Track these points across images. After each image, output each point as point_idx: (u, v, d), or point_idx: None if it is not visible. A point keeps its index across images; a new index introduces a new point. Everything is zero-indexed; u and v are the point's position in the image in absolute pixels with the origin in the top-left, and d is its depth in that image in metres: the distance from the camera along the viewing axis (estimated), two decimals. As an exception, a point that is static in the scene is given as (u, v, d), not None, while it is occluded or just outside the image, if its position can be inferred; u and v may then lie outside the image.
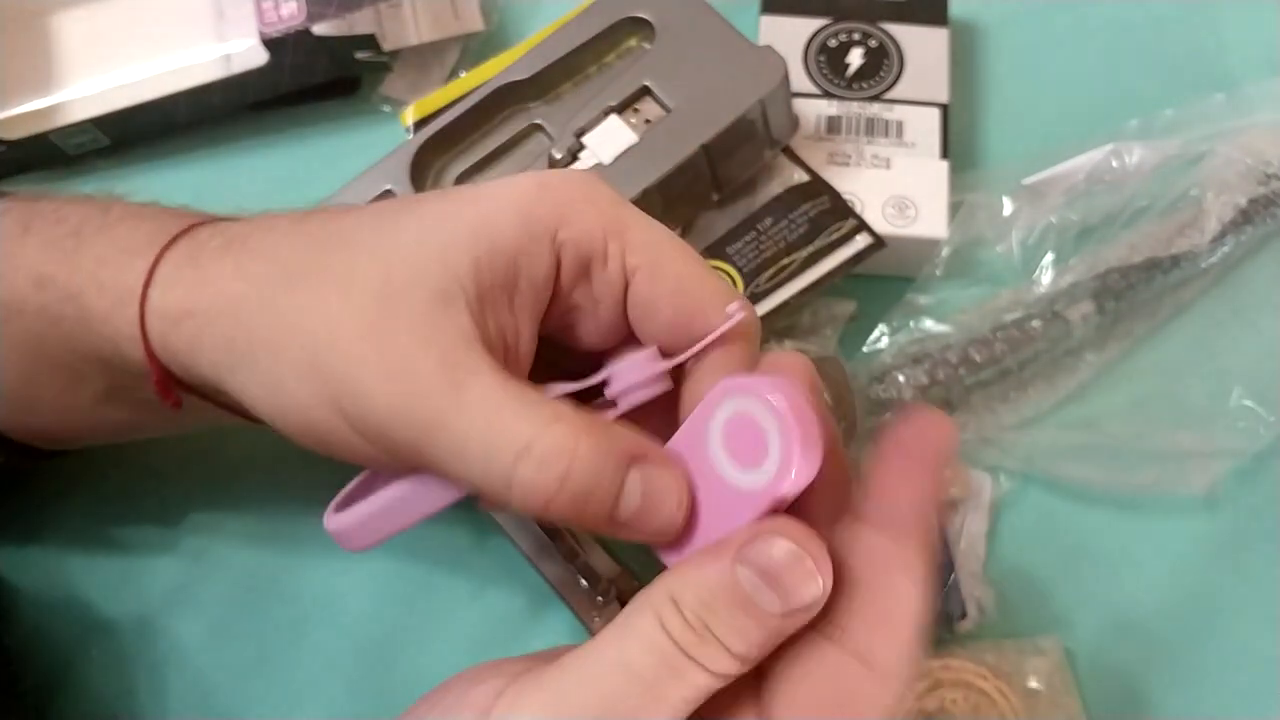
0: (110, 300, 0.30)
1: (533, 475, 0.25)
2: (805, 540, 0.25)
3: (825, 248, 0.42)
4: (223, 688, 0.39)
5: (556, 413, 0.26)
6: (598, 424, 0.26)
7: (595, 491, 0.25)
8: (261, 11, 0.46)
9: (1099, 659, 0.40)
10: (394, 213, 0.29)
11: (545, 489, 0.25)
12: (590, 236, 0.28)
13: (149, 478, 0.42)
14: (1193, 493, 0.42)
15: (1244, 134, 0.46)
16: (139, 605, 0.40)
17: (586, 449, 0.25)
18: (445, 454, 0.26)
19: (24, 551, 0.41)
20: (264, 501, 0.42)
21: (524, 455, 0.25)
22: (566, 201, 0.28)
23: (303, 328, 0.27)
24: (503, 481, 0.25)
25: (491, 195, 0.28)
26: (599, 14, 0.43)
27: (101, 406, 0.34)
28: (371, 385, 0.26)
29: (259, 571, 0.41)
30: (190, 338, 0.29)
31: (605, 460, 0.25)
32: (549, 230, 0.28)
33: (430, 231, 0.28)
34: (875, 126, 0.46)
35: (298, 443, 0.29)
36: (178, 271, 0.30)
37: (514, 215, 0.27)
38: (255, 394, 0.29)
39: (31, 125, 0.46)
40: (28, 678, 0.39)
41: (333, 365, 0.27)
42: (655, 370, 0.29)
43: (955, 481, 0.41)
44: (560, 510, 0.25)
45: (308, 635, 0.40)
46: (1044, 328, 0.43)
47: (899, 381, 0.42)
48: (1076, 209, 0.45)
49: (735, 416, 0.26)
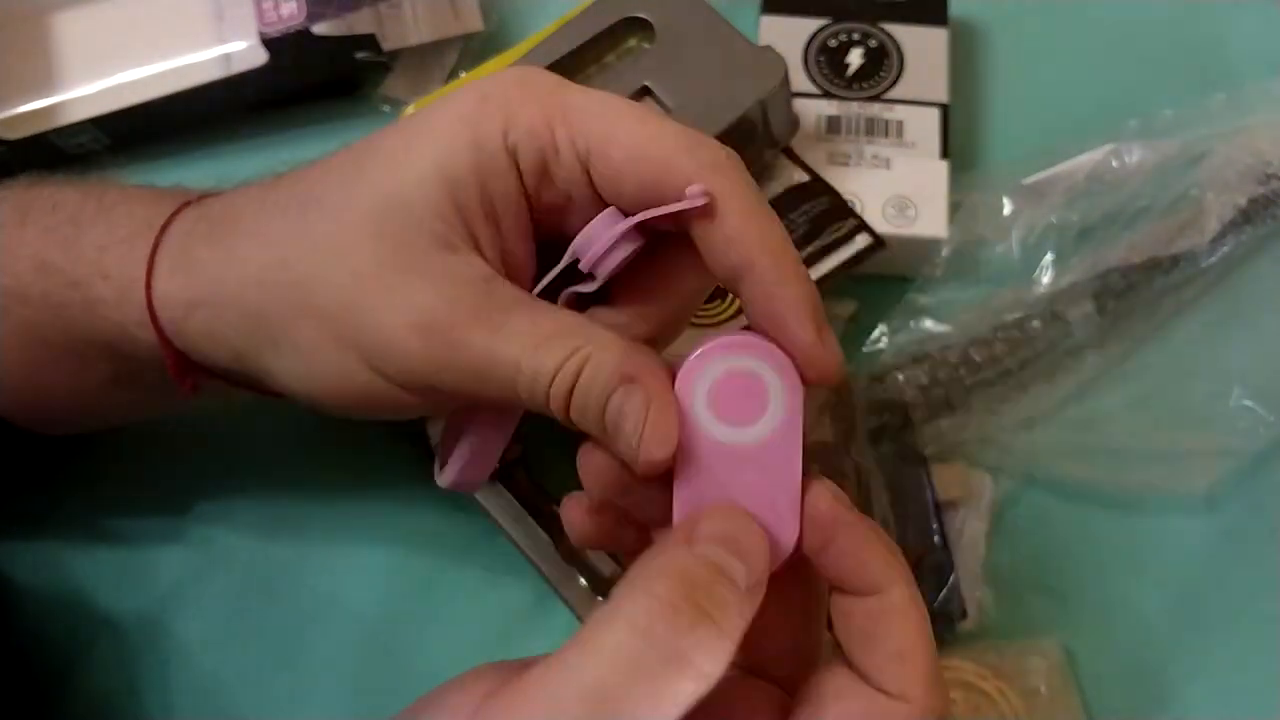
0: (115, 289, 0.31)
1: (560, 392, 0.26)
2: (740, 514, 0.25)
3: (825, 248, 0.42)
4: (225, 685, 0.39)
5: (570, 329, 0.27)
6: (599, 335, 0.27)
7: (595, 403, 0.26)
8: (261, 11, 0.46)
9: (1099, 659, 0.40)
10: (357, 163, 0.29)
11: (564, 399, 0.26)
12: (536, 133, 0.27)
13: (152, 475, 0.42)
14: (1193, 493, 0.42)
15: (1244, 134, 0.46)
16: (142, 602, 0.40)
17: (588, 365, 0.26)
18: (492, 390, 0.27)
19: (27, 548, 0.41)
20: (265, 501, 0.42)
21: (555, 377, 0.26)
22: (507, 104, 0.27)
23: (316, 304, 0.28)
24: (543, 399, 0.26)
25: (443, 121, 0.28)
26: (599, 14, 0.43)
27: (108, 390, 0.34)
28: (404, 340, 0.27)
29: (261, 570, 0.41)
30: (205, 328, 0.30)
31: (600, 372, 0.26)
32: (499, 143, 0.27)
33: (403, 180, 0.28)
34: (875, 126, 0.46)
35: (331, 411, 0.30)
36: (175, 260, 0.30)
37: (467, 139, 0.27)
38: (284, 374, 0.29)
39: (31, 125, 0.45)
40: (31, 674, 0.39)
41: (362, 333, 0.28)
42: (617, 231, 0.27)
43: (955, 482, 0.41)
44: (582, 420, 0.26)
45: (310, 633, 0.40)
46: (1044, 328, 0.43)
47: (899, 381, 0.42)
48: (1076, 209, 0.45)
49: (724, 375, 0.26)
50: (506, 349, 0.27)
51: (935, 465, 0.41)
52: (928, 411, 0.42)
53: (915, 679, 0.25)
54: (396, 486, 0.42)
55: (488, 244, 0.28)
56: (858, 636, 0.26)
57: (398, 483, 0.42)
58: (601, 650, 0.23)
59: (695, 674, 0.23)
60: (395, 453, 0.41)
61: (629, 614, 0.23)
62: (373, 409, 0.30)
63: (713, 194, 0.26)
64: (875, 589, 0.26)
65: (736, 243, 0.26)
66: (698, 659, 0.23)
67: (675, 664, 0.23)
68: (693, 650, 0.23)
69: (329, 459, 0.42)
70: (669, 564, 0.24)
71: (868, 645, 0.26)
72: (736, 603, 0.24)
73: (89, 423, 0.38)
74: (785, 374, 0.26)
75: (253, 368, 0.30)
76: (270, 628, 0.40)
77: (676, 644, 0.23)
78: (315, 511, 0.42)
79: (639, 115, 0.27)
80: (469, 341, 0.27)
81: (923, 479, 0.41)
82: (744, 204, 0.26)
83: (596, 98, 0.28)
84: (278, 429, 0.42)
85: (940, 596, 0.39)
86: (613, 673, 0.22)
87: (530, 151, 0.27)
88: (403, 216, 0.27)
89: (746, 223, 0.26)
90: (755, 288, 0.26)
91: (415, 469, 0.42)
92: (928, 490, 0.41)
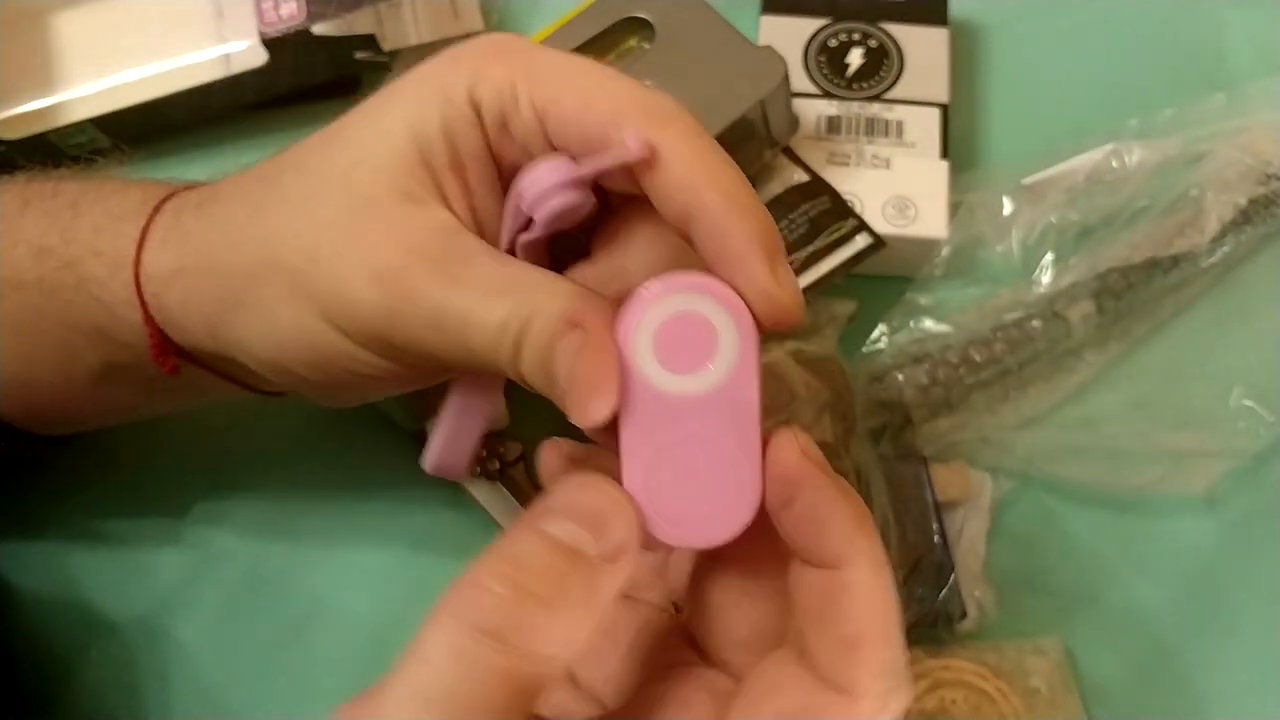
0: (107, 266, 0.31)
1: (509, 344, 0.25)
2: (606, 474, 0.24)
3: (825, 248, 0.42)
4: (223, 687, 0.39)
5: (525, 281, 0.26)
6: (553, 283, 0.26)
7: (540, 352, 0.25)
8: (261, 11, 0.46)
9: (1099, 659, 0.40)
10: (335, 129, 0.29)
11: (513, 351, 0.25)
12: (499, 88, 0.27)
13: (150, 477, 0.42)
14: (1193, 493, 0.42)
15: (1244, 134, 0.46)
16: (140, 603, 0.40)
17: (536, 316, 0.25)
18: (447, 345, 0.26)
19: (25, 550, 0.41)
20: (264, 502, 0.42)
21: (504, 326, 0.25)
22: (476, 63, 0.28)
23: (279, 257, 0.28)
24: (494, 352, 0.26)
25: (415, 81, 0.28)
26: (599, 14, 0.43)
27: (98, 385, 0.34)
28: (360, 292, 0.27)
29: (259, 570, 0.41)
30: (182, 296, 0.30)
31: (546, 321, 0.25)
32: (465, 98, 0.27)
33: (372, 137, 0.28)
34: (875, 126, 0.46)
35: (297, 385, 0.30)
36: (165, 233, 0.31)
37: (436, 96, 0.27)
38: (249, 337, 0.29)
39: (31, 125, 0.45)
40: (29, 676, 0.39)
41: (319, 282, 0.27)
42: (556, 179, 0.26)
43: (955, 482, 0.41)
44: (531, 374, 0.26)
45: (308, 633, 0.40)
46: (1044, 328, 0.43)
47: (899, 381, 0.42)
48: (1076, 209, 0.45)
49: (671, 319, 0.24)
50: (459, 300, 0.26)
51: (935, 465, 0.41)
52: (928, 411, 0.42)
53: (866, 671, 0.23)
54: (395, 487, 0.42)
55: (455, 198, 0.28)
56: (810, 616, 0.24)
57: (397, 483, 0.42)
58: (430, 657, 0.21)
59: (538, 660, 0.21)
60: (394, 453, 0.41)
61: (455, 610, 0.22)
62: (331, 372, 0.29)
63: (658, 144, 0.25)
64: (835, 562, 0.23)
65: (683, 186, 0.25)
66: (538, 646, 0.21)
67: (514, 657, 0.21)
68: (529, 639, 0.21)
69: (327, 460, 0.42)
70: (500, 550, 0.23)
71: (817, 627, 0.23)
72: (581, 580, 0.22)
73: (78, 421, 0.38)
74: (737, 316, 0.24)
75: (224, 339, 0.30)
76: (269, 628, 0.40)
77: (511, 637, 0.21)
78: (314, 512, 0.42)
79: (596, 71, 0.27)
80: (424, 292, 0.26)
81: (922, 479, 0.41)
82: (691, 149, 0.25)
83: (561, 57, 0.28)
84: (277, 430, 0.42)
85: (940, 596, 0.39)
86: (442, 679, 0.21)
87: (493, 106, 0.27)
88: (369, 170, 0.28)
89: (693, 166, 0.25)
90: (704, 227, 0.25)
91: (414, 469, 0.42)
92: (927, 490, 0.41)
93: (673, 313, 0.24)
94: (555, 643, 0.22)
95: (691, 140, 0.25)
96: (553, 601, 0.22)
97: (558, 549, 0.23)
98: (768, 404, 0.39)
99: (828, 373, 0.41)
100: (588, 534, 0.23)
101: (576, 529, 0.23)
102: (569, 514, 0.23)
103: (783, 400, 0.41)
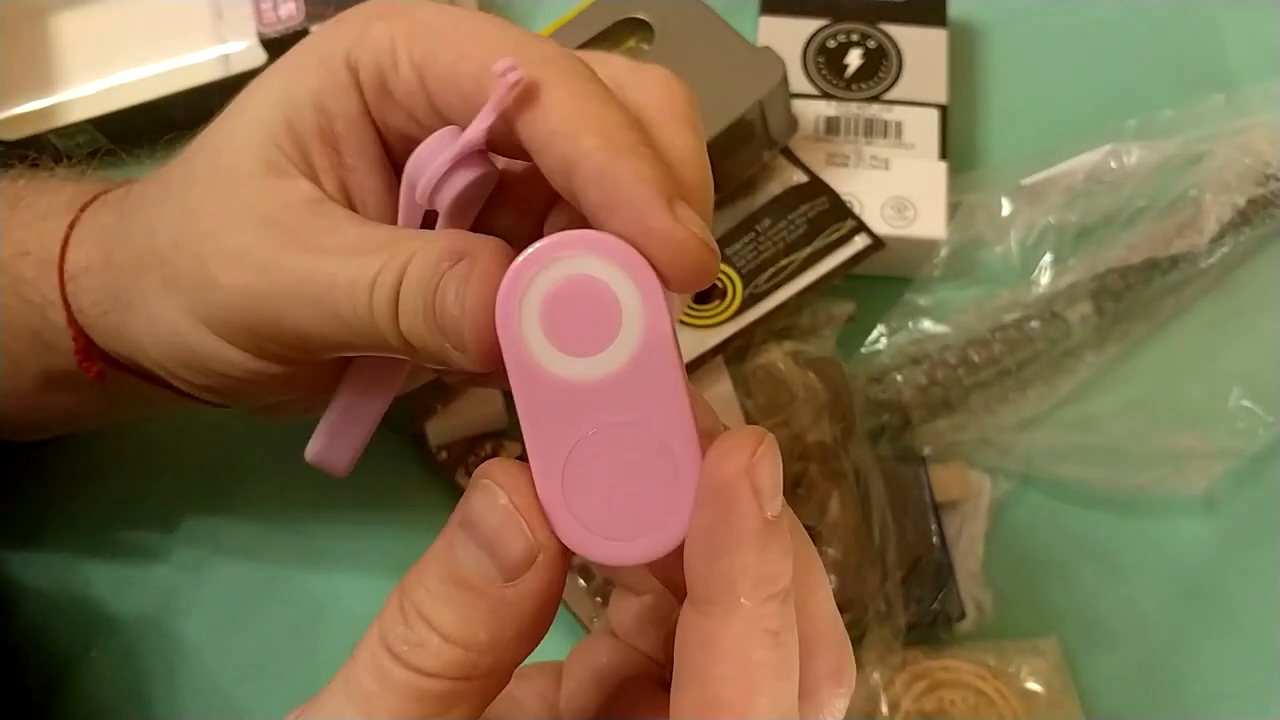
0: (34, 265, 0.30)
1: (383, 298, 0.23)
2: (508, 477, 0.20)
3: (824, 248, 0.42)
4: (223, 688, 0.39)
5: (398, 235, 0.24)
6: (430, 234, 0.24)
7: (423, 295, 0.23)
8: (260, 12, 0.46)
9: (1097, 659, 0.40)
10: (225, 112, 0.28)
11: (388, 305, 0.23)
12: (377, 46, 0.25)
13: (152, 478, 0.42)
14: (1192, 493, 0.42)
15: (1243, 134, 0.46)
16: (141, 605, 0.40)
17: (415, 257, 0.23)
18: (314, 318, 0.24)
19: (27, 551, 0.41)
20: (262, 505, 0.42)
21: (375, 283, 0.23)
22: (358, 25, 0.25)
23: (155, 246, 0.27)
24: (367, 314, 0.23)
25: (294, 53, 0.26)
26: (599, 14, 0.43)
27: (42, 394, 0.33)
28: (217, 273, 0.25)
29: (259, 572, 0.41)
30: (91, 294, 0.29)
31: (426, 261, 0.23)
32: (342, 59, 0.25)
33: (245, 111, 0.27)
34: (874, 127, 0.46)
35: (193, 389, 0.29)
36: (85, 230, 0.30)
37: (311, 59, 0.26)
38: (137, 335, 0.28)
39: (30, 125, 0.45)
40: (31, 677, 0.39)
41: (184, 269, 0.26)
42: (451, 154, 0.23)
43: (954, 482, 0.41)
44: (412, 325, 0.23)
45: (308, 636, 0.40)
46: (1043, 328, 0.43)
47: (897, 382, 0.42)
48: (1075, 209, 0.45)
49: (561, 287, 0.20)
50: (322, 265, 0.24)
51: (934, 466, 0.41)
52: (926, 412, 0.42)
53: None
54: (395, 488, 0.42)
55: (325, 171, 0.26)
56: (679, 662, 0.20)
57: (397, 484, 0.42)
58: (358, 657, 0.21)
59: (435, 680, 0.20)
60: (394, 454, 0.41)
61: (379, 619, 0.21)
62: (207, 374, 0.27)
63: (537, 83, 0.22)
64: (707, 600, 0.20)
65: (559, 133, 0.22)
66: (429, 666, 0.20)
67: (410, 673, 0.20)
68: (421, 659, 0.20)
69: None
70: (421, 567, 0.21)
71: (680, 675, 0.20)
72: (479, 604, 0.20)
73: (31, 429, 0.37)
74: (635, 273, 0.20)
75: (125, 340, 0.29)
76: (268, 630, 0.40)
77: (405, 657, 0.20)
78: (311, 515, 0.42)
79: (474, 20, 0.24)
80: (283, 263, 0.24)
81: (922, 479, 0.41)
82: (569, 90, 0.22)
83: (443, 11, 0.25)
84: (275, 432, 0.42)
85: (939, 597, 0.39)
86: (362, 682, 0.20)
87: (370, 66, 0.25)
88: (233, 146, 0.26)
89: (572, 109, 0.22)
90: (585, 177, 0.21)
91: (414, 470, 0.42)
92: (926, 491, 0.41)
93: (560, 280, 0.20)
94: (450, 666, 0.20)
95: (571, 81, 0.22)
96: (445, 628, 0.20)
97: (455, 577, 0.20)
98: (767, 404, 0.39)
99: (826, 373, 0.41)
100: (485, 555, 0.20)
101: (477, 552, 0.20)
102: (471, 531, 0.21)
103: (782, 401, 0.41)
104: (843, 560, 0.38)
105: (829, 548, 0.38)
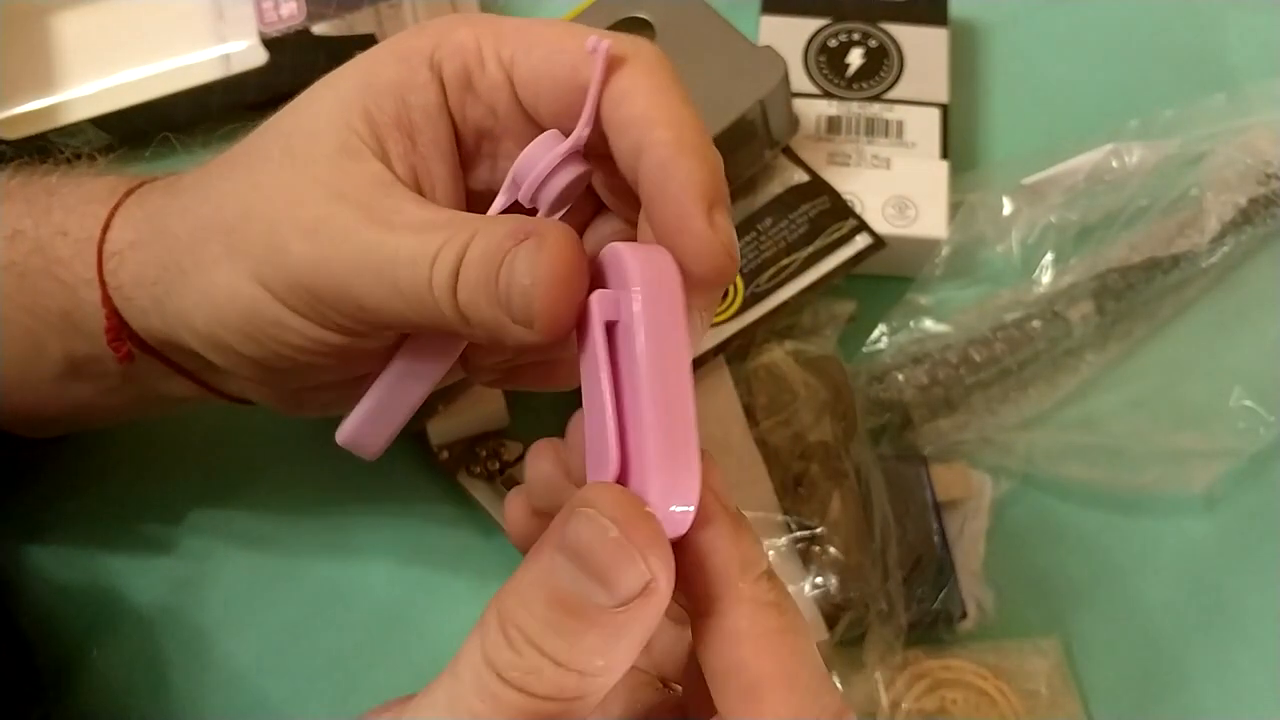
0: (72, 245, 0.31)
1: (444, 272, 0.25)
2: (619, 507, 0.21)
3: (825, 248, 0.42)
4: (228, 682, 0.39)
5: (461, 217, 0.26)
6: (491, 218, 0.26)
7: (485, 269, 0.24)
8: (261, 11, 0.46)
9: (1099, 659, 0.40)
10: (294, 102, 0.29)
11: (448, 279, 0.25)
12: (463, 47, 0.27)
13: (157, 471, 0.42)
14: (1193, 493, 0.42)
15: (1244, 134, 0.46)
16: (144, 602, 0.40)
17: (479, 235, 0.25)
18: (375, 290, 0.26)
19: (33, 544, 0.41)
20: (265, 504, 0.42)
21: (437, 258, 0.25)
22: (441, 30, 0.28)
23: (220, 218, 0.28)
24: (425, 287, 0.25)
25: (372, 50, 0.29)
26: (599, 14, 0.43)
27: (63, 382, 0.34)
28: (289, 241, 0.27)
29: (261, 570, 0.41)
30: (134, 269, 0.30)
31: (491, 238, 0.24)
32: (425, 57, 0.27)
33: (322, 99, 0.28)
34: (875, 126, 0.46)
35: (238, 364, 0.29)
36: (130, 211, 0.31)
37: (391, 56, 0.28)
38: (188, 306, 0.29)
39: (31, 125, 0.45)
40: (45, 664, 0.39)
41: (252, 237, 0.27)
42: (558, 152, 0.26)
43: (955, 482, 0.41)
44: (471, 298, 0.25)
45: (311, 630, 0.40)
46: (1044, 328, 0.43)
47: (899, 381, 0.42)
48: (1076, 209, 0.45)
49: None
50: (388, 238, 0.26)
51: (935, 465, 0.41)
52: (928, 411, 0.42)
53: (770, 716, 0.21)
54: (398, 486, 0.42)
55: (398, 157, 0.28)
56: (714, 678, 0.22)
57: (399, 483, 0.42)
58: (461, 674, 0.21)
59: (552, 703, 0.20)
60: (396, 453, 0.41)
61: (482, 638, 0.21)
62: (263, 342, 0.28)
63: (621, 55, 0.25)
64: (710, 599, 0.22)
65: (637, 120, 0.25)
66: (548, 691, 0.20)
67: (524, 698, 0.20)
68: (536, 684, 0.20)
69: (328, 460, 0.42)
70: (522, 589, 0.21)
71: (717, 682, 0.22)
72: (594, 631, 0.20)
73: (44, 419, 0.37)
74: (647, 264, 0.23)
75: (169, 314, 0.30)
76: (273, 624, 0.40)
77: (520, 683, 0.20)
78: (315, 513, 0.42)
79: (560, 23, 0.27)
80: (352, 236, 0.26)
81: (923, 479, 0.41)
82: (652, 83, 0.25)
83: (529, 19, 0.28)
84: (279, 430, 0.42)
85: (940, 596, 0.39)
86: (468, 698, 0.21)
87: (455, 63, 0.27)
88: (311, 128, 0.28)
89: (652, 100, 0.25)
90: (649, 163, 0.24)
91: (417, 469, 0.42)
92: (928, 490, 0.41)
93: None
94: (564, 690, 0.21)
95: (654, 75, 0.25)
96: (559, 654, 0.20)
97: (565, 605, 0.21)
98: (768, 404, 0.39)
99: (828, 373, 0.41)
100: (597, 585, 0.20)
101: (587, 581, 0.20)
102: (580, 562, 0.21)
103: (783, 400, 0.41)
104: (844, 560, 0.38)
105: (830, 547, 0.38)
